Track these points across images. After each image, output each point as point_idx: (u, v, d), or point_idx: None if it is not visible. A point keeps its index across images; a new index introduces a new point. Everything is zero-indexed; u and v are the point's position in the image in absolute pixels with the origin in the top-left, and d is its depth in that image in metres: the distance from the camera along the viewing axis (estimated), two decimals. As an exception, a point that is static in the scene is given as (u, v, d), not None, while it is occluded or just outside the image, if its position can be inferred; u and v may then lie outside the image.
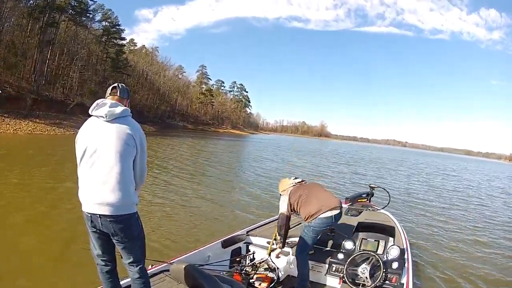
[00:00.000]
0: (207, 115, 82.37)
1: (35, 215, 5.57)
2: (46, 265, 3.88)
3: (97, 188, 1.96)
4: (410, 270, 3.10)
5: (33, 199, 6.48)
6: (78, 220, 5.06)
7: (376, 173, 19.54)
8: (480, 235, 7.25)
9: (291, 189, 3.42)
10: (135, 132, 2.08)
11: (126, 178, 2.02)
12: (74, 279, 3.50)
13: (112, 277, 2.16)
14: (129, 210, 2.04)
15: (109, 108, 2.02)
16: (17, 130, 22.10)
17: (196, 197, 8.10)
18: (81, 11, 39.83)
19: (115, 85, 2.21)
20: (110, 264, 2.15)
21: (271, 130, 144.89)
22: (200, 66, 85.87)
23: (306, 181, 3.59)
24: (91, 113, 2.06)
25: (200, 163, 15.65)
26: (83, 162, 2.01)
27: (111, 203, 1.96)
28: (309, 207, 3.22)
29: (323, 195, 3.34)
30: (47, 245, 4.43)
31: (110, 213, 1.97)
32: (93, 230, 2.05)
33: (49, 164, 10.89)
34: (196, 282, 2.36)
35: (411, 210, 9.16)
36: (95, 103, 2.07)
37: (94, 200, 1.97)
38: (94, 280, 2.42)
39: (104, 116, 2.01)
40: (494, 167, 59.11)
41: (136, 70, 56.69)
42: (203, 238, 5.04)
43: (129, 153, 2.04)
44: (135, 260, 2.10)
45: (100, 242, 2.09)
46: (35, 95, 28.83)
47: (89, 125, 2.06)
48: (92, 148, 1.99)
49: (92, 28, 45.09)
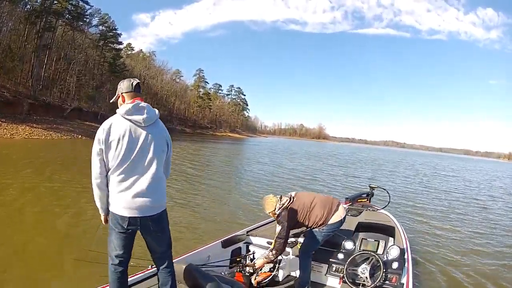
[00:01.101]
0: (205, 119, 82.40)
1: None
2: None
3: (141, 192, 2.04)
4: (410, 270, 3.10)
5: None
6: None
7: (371, 175, 19.53)
8: (481, 234, 7.25)
9: (288, 209, 3.13)
10: (166, 134, 2.23)
11: (162, 180, 2.17)
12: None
13: (123, 277, 2.20)
14: (164, 206, 2.18)
15: (147, 115, 2.09)
16: (13, 135, 21.99)
17: (195, 197, 8.09)
18: (78, 16, 39.82)
19: (138, 82, 2.23)
20: (125, 264, 2.18)
21: (269, 133, 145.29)
22: (197, 70, 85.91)
23: (292, 194, 3.32)
24: (126, 116, 2.06)
25: (198, 166, 15.61)
26: (123, 167, 2.03)
27: (153, 206, 2.08)
28: (314, 217, 3.16)
29: (322, 200, 3.27)
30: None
31: (151, 214, 2.08)
32: (122, 231, 2.08)
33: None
34: (196, 282, 2.36)
35: (411, 210, 9.16)
36: (128, 106, 2.07)
37: (136, 204, 2.03)
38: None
39: (142, 122, 2.07)
40: (493, 166, 59.28)
41: (133, 74, 56.59)
42: (203, 238, 5.01)
43: (164, 155, 2.19)
44: (165, 251, 2.23)
45: (124, 243, 2.12)
46: (32, 100, 28.79)
47: (125, 129, 2.04)
48: (134, 154, 2.04)
49: (89, 33, 45.10)
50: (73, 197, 7.22)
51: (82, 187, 7.86)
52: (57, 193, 7.51)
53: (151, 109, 2.13)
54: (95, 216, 5.82)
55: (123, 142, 2.02)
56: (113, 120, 2.07)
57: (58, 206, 6.43)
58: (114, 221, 2.08)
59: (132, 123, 2.06)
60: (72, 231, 5.18)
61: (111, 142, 2.02)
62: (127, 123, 2.06)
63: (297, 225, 3.23)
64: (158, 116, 2.17)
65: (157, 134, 2.13)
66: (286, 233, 3.08)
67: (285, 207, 3.13)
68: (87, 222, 5.53)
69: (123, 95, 2.19)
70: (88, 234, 4.99)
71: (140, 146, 2.05)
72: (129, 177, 2.04)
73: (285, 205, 3.14)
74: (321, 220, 3.14)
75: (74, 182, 8.65)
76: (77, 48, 41.28)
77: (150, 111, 2.12)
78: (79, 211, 6.14)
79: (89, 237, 4.82)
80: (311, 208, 3.17)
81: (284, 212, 3.11)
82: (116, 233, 2.09)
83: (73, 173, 10.09)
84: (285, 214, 3.11)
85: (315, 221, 3.15)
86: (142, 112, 2.08)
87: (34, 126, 25.16)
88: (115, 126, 2.05)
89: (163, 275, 2.24)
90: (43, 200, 6.75)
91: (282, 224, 3.08)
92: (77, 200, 6.92)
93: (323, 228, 3.15)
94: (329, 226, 3.16)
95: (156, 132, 2.13)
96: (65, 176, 9.43)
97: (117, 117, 2.08)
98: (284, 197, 3.21)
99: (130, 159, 2.03)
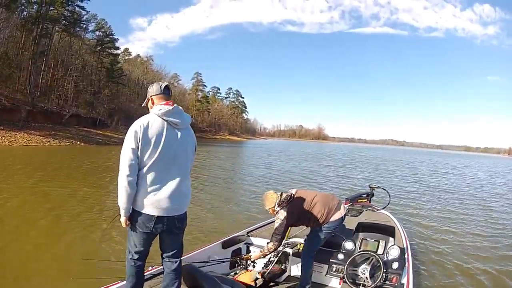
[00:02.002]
0: (204, 122, 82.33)
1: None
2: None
3: (172, 192, 2.08)
4: (411, 270, 3.09)
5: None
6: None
7: (368, 175, 19.52)
8: (482, 234, 7.22)
9: (288, 206, 3.12)
10: (195, 139, 2.32)
11: (189, 181, 2.25)
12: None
13: (140, 273, 2.26)
14: (187, 207, 2.26)
15: (184, 118, 2.17)
16: (12, 142, 21.98)
17: (194, 198, 8.05)
18: (74, 21, 39.76)
19: (167, 85, 2.27)
20: (143, 260, 2.24)
21: (268, 135, 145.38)
22: (195, 73, 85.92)
23: (293, 191, 3.31)
24: (164, 117, 2.09)
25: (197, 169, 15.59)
26: (158, 166, 2.05)
27: (181, 206, 2.15)
28: (315, 214, 3.14)
29: (322, 197, 3.27)
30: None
31: (179, 213, 2.15)
32: (147, 231, 2.10)
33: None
34: (197, 283, 2.35)
35: (411, 211, 9.14)
36: (167, 107, 2.11)
37: (166, 204, 2.07)
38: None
39: (178, 124, 2.13)
40: (494, 162, 59.29)
41: (131, 79, 56.67)
42: (202, 238, 5.00)
43: (193, 158, 2.31)
44: (177, 252, 2.26)
45: (146, 241, 2.16)
46: (30, 107, 28.77)
47: (162, 128, 2.07)
48: (169, 154, 2.07)
49: (86, 39, 45.11)
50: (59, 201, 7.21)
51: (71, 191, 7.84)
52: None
53: (186, 114, 2.22)
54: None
55: (160, 141, 2.04)
56: (150, 118, 2.08)
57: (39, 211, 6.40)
58: (138, 220, 2.08)
59: (169, 124, 2.10)
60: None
61: (149, 139, 2.02)
62: (165, 123, 2.09)
63: (297, 222, 3.22)
64: (190, 121, 2.25)
65: (190, 138, 2.23)
66: (284, 229, 3.09)
67: (285, 204, 3.12)
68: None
69: (153, 98, 2.22)
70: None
71: (176, 147, 2.11)
72: (163, 176, 2.06)
73: (285, 202, 3.13)
74: (322, 218, 3.12)
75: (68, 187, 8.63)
76: (74, 54, 41.24)
77: (185, 115, 2.21)
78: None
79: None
80: (312, 206, 3.15)
81: (283, 209, 3.11)
82: (139, 233, 2.11)
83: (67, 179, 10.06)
84: (284, 211, 3.10)
85: (316, 219, 3.13)
86: (180, 114, 2.16)
87: (33, 133, 25.17)
88: (153, 124, 2.05)
89: (170, 277, 2.24)
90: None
91: (281, 221, 3.08)
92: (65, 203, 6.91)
93: (324, 226, 3.14)
94: (330, 224, 3.15)
95: (189, 135, 2.23)
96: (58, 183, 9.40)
97: (153, 116, 2.09)
98: (284, 194, 3.20)
99: (166, 159, 2.06)
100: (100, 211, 6.74)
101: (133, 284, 2.23)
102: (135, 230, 2.10)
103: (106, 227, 5.23)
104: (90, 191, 8.69)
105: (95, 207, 7.05)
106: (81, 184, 9.70)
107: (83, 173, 12.24)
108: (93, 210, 6.79)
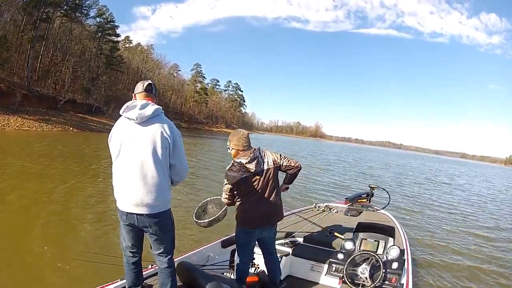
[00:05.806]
0: (201, 114, 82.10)
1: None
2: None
3: (134, 190, 2.04)
4: (410, 270, 3.09)
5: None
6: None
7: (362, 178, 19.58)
8: (481, 235, 7.30)
9: (240, 167, 2.56)
10: (167, 130, 2.09)
11: (161, 179, 2.08)
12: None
13: (136, 268, 2.25)
14: (163, 208, 2.14)
15: (139, 111, 2.05)
16: (5, 126, 21.73)
17: (193, 197, 8.00)
18: (76, 7, 39.27)
19: (150, 83, 2.25)
20: (137, 255, 2.24)
21: (265, 130, 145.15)
22: (195, 65, 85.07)
23: (270, 161, 2.66)
24: (122, 114, 2.11)
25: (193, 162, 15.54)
26: (118, 163, 2.08)
27: (148, 204, 2.06)
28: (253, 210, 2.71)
29: (271, 199, 2.71)
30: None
31: (147, 213, 2.07)
32: (126, 224, 2.15)
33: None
34: (196, 282, 2.32)
35: (411, 211, 9.19)
36: (125, 105, 2.11)
37: (131, 201, 2.05)
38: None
39: (135, 119, 2.04)
40: (491, 171, 59.54)
41: (130, 67, 56.22)
42: (202, 238, 4.96)
43: (162, 153, 2.06)
44: (165, 251, 2.21)
45: (131, 235, 2.18)
46: (25, 91, 28.44)
47: (121, 127, 2.10)
48: (126, 151, 2.05)
49: (86, 24, 44.53)
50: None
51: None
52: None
53: (146, 106, 2.08)
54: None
55: (116, 139, 2.08)
56: (119, 118, 2.14)
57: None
58: (118, 214, 2.17)
59: (128, 120, 2.08)
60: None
61: (110, 138, 2.12)
62: (124, 120, 2.10)
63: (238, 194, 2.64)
64: (157, 113, 2.10)
65: (154, 132, 2.05)
66: (230, 192, 2.62)
67: (241, 162, 2.55)
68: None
69: (136, 95, 2.22)
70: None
71: (133, 143, 2.04)
72: (121, 173, 2.07)
73: (243, 161, 2.55)
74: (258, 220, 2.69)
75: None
76: (74, 40, 40.79)
77: (144, 107, 2.06)
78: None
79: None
80: (257, 199, 2.61)
81: (235, 166, 2.56)
82: (122, 225, 2.19)
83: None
84: (233, 168, 2.57)
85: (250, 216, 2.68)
86: (134, 108, 2.06)
87: (26, 117, 24.91)
88: (117, 123, 2.13)
89: (164, 275, 2.24)
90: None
91: (226, 177, 2.59)
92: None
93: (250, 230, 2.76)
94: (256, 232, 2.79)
95: (151, 129, 2.05)
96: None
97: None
98: (259, 151, 2.63)
99: (122, 155, 2.06)
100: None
101: (130, 281, 2.25)
102: (120, 222, 2.20)
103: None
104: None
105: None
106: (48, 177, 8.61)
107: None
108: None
